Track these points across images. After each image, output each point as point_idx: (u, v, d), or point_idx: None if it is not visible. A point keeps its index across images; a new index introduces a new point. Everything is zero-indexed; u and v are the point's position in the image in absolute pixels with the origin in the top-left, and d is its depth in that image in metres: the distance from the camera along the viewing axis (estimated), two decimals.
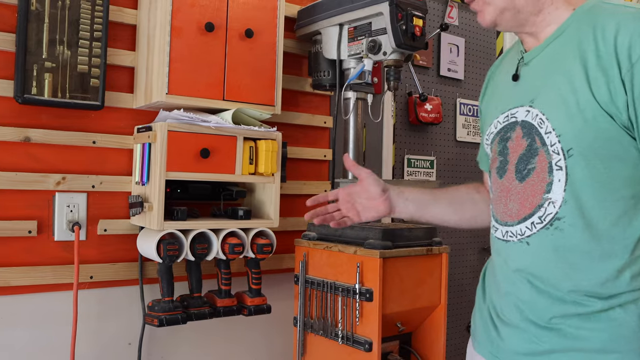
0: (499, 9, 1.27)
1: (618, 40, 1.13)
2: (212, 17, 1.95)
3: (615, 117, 1.14)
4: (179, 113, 1.90)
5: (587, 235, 1.18)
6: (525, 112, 1.26)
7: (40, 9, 1.83)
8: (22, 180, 1.87)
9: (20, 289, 1.88)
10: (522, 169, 1.26)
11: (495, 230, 1.35)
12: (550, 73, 1.24)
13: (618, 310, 1.18)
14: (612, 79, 1.13)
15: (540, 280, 1.24)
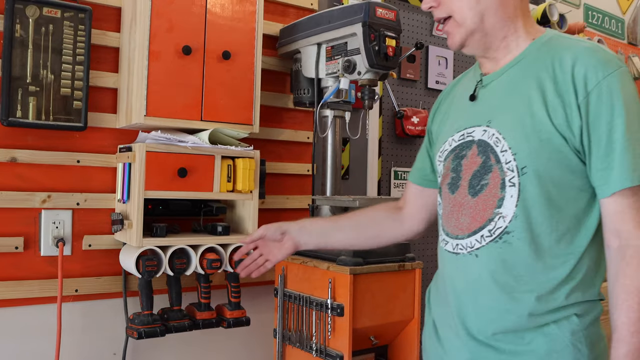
0: (469, 30, 1.35)
1: (575, 71, 1.23)
2: (189, 40, 2.02)
3: (569, 140, 1.23)
4: (156, 134, 1.97)
5: (532, 249, 1.26)
6: (482, 132, 1.33)
7: (24, 35, 1.91)
8: (9, 198, 1.96)
9: (7, 302, 1.97)
10: (475, 184, 1.33)
11: (445, 243, 1.40)
12: (508, 96, 1.32)
13: (552, 326, 1.26)
14: (569, 104, 1.22)
15: (486, 294, 1.30)
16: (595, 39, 3.94)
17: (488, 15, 1.33)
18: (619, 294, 1.21)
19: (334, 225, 1.70)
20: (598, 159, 1.22)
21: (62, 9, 1.97)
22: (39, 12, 1.93)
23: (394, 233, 1.65)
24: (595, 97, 1.21)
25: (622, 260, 1.22)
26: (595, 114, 1.21)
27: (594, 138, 1.22)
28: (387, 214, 1.66)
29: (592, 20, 4.07)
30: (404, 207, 1.65)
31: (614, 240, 1.23)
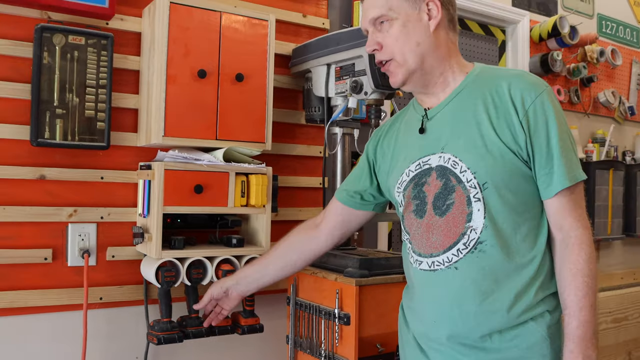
0: (411, 70, 1.53)
1: (512, 94, 1.45)
2: (205, 64, 2.15)
3: (517, 153, 1.43)
4: (174, 153, 2.11)
5: (504, 252, 1.44)
6: (438, 158, 1.50)
7: (51, 61, 2.06)
8: (38, 213, 2.11)
9: (38, 309, 2.12)
10: (440, 205, 1.49)
11: (419, 263, 1.54)
12: (455, 124, 1.50)
13: (531, 323, 1.44)
14: (512, 123, 1.43)
15: (470, 301, 1.45)
16: (609, 49, 4.00)
17: (427, 56, 1.52)
18: (566, 277, 1.42)
19: (262, 267, 1.96)
20: (541, 165, 1.43)
21: (86, 37, 2.11)
22: (65, 40, 2.08)
23: (312, 251, 1.90)
24: (532, 113, 1.43)
25: (565, 248, 1.43)
26: (535, 127, 1.42)
27: (536, 148, 1.43)
28: (303, 236, 1.91)
29: (606, 29, 4.12)
30: (321, 223, 1.88)
31: (557, 233, 1.45)
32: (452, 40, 1.58)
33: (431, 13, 1.53)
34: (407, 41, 1.52)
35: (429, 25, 1.52)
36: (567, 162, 1.43)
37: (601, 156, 3.89)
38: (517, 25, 3.59)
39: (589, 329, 1.39)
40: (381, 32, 1.56)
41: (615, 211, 3.93)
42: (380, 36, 1.56)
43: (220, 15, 2.19)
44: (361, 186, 1.79)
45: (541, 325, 1.45)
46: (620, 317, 3.79)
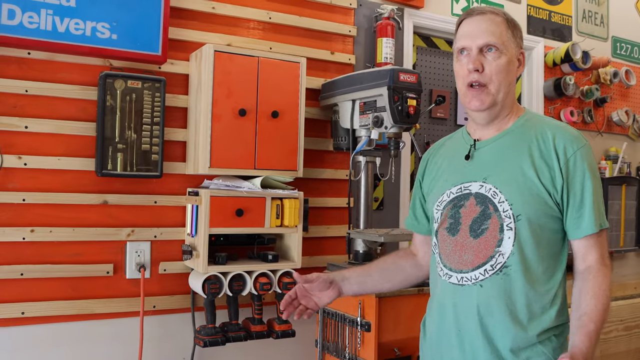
0: (496, 101, 1.69)
1: (556, 142, 1.65)
2: (244, 104, 2.46)
3: (552, 194, 1.64)
4: (218, 182, 2.44)
5: (526, 279, 1.64)
6: (479, 186, 1.70)
7: (113, 103, 2.40)
8: (102, 233, 2.46)
9: (101, 316, 2.47)
10: (476, 228, 1.69)
11: (449, 277, 1.74)
12: (500, 159, 1.71)
13: (539, 346, 1.64)
14: (553, 167, 1.64)
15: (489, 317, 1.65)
16: (623, 69, 4.22)
17: (509, 95, 1.72)
18: (588, 294, 1.59)
19: (367, 275, 1.98)
20: (573, 209, 1.63)
21: (143, 81, 2.45)
22: (125, 84, 2.42)
23: (416, 276, 2.00)
24: (572, 163, 1.63)
25: (589, 274, 1.62)
26: (573, 175, 1.63)
27: (571, 194, 1.63)
28: (409, 262, 2.00)
29: (620, 51, 4.34)
30: (417, 254, 2.00)
31: (581, 264, 1.65)
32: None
33: (521, 62, 1.74)
34: (506, 77, 1.69)
35: (518, 71, 1.74)
36: (597, 211, 1.62)
37: (614, 172, 4.10)
38: (532, 51, 3.84)
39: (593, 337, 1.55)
40: (486, 58, 1.68)
41: (628, 224, 4.15)
42: (486, 61, 1.68)
43: (258, 60, 2.50)
44: (423, 213, 1.93)
45: (548, 349, 1.64)
46: (632, 325, 4.00)
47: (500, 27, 1.70)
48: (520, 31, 1.76)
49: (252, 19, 2.79)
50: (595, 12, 4.21)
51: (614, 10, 4.33)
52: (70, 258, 2.41)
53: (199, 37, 2.64)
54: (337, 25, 3.02)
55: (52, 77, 2.38)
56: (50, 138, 2.38)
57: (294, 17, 2.89)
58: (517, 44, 1.73)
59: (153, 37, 2.45)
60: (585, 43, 4.01)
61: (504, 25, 1.71)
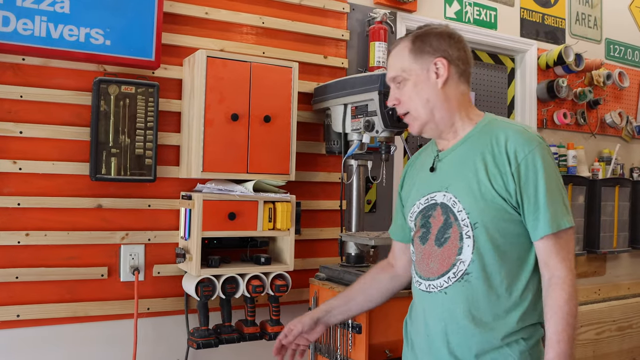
0: (424, 122, 1.79)
1: (508, 146, 1.68)
2: (237, 109, 2.49)
3: (507, 200, 1.67)
4: (211, 186, 2.47)
5: (487, 285, 1.68)
6: (442, 196, 1.76)
7: (107, 108, 2.43)
8: (96, 237, 2.49)
9: (95, 318, 2.50)
10: (440, 237, 1.75)
11: (419, 284, 1.82)
12: (459, 168, 1.76)
13: (505, 349, 1.68)
14: (505, 173, 1.67)
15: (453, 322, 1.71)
16: (617, 71, 4.24)
17: (437, 110, 1.76)
18: (548, 312, 1.63)
19: (347, 300, 2.06)
20: (529, 213, 1.66)
21: (136, 86, 2.48)
22: (118, 90, 2.44)
23: (394, 287, 2.07)
24: (524, 166, 1.65)
25: (550, 286, 1.64)
26: (525, 179, 1.65)
27: (525, 197, 1.65)
28: (385, 275, 2.06)
29: (614, 53, 4.36)
30: (395, 264, 2.06)
31: (544, 272, 1.67)
32: (462, 93, 1.78)
33: (439, 72, 1.74)
34: (419, 98, 1.75)
35: (437, 83, 1.74)
36: (553, 211, 1.62)
37: (607, 174, 4.13)
38: (525, 54, 3.87)
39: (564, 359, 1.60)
40: (399, 89, 1.79)
41: (622, 225, 4.18)
42: (399, 93, 1.80)
43: (250, 66, 2.53)
44: (405, 222, 1.97)
45: (514, 351, 1.67)
46: (624, 325, 4.03)
47: (402, 54, 1.79)
48: (430, 42, 1.77)
49: (245, 24, 2.82)
50: (589, 14, 4.24)
51: (607, 12, 4.36)
52: (65, 261, 2.44)
53: (192, 43, 2.67)
54: (330, 30, 3.05)
55: (46, 83, 2.41)
56: (45, 143, 2.41)
57: (287, 22, 2.92)
58: (425, 59, 1.76)
59: (146, 42, 2.47)
60: (578, 45, 4.04)
61: (407, 50, 1.78)
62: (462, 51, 1.79)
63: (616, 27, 4.41)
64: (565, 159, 3.93)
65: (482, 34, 3.63)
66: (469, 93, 1.84)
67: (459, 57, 1.78)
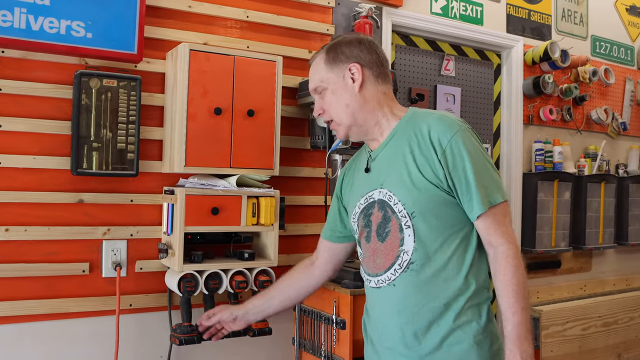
0: (347, 126, 1.84)
1: (431, 135, 1.72)
2: (220, 103, 2.47)
3: (439, 186, 1.71)
4: (194, 180, 2.44)
5: (433, 270, 1.72)
6: (378, 192, 1.80)
7: (88, 102, 2.40)
8: (77, 232, 2.46)
9: (77, 315, 2.47)
10: (381, 232, 1.79)
11: (369, 282, 1.86)
12: (390, 163, 1.80)
13: (458, 331, 1.71)
14: (433, 160, 1.71)
15: (405, 312, 1.73)
16: (602, 68, 4.25)
17: (357, 112, 1.81)
18: (499, 287, 1.67)
19: (267, 299, 2.13)
20: (463, 195, 1.70)
21: (118, 79, 2.45)
22: (100, 83, 2.42)
23: (310, 285, 2.11)
24: (450, 151, 1.69)
25: (496, 262, 1.69)
26: (453, 164, 1.69)
27: (456, 180, 1.69)
28: (302, 273, 2.11)
29: (600, 50, 4.37)
30: (316, 260, 2.10)
31: (489, 249, 1.72)
32: (382, 92, 1.83)
33: (354, 76, 1.80)
34: (338, 105, 1.81)
35: (354, 87, 1.80)
36: (483, 190, 1.67)
37: (593, 170, 4.14)
38: (512, 50, 3.87)
39: (522, 329, 1.63)
40: (322, 98, 1.86)
41: (607, 222, 4.19)
42: (321, 102, 1.86)
43: (234, 59, 2.51)
44: (337, 222, 2.05)
45: (467, 334, 1.70)
46: (610, 321, 4.04)
47: (319, 66, 1.86)
48: (342, 51, 1.82)
49: (230, 18, 2.80)
50: (575, 11, 4.25)
51: (593, 9, 4.36)
52: (45, 257, 2.41)
53: (175, 36, 2.65)
54: (315, 24, 3.03)
55: (26, 76, 2.38)
56: (25, 137, 2.37)
57: (272, 16, 2.90)
58: (339, 67, 1.81)
59: (129, 35, 2.44)
60: (564, 42, 4.04)
61: (322, 62, 1.85)
62: (373, 54, 1.84)
63: (602, 24, 4.42)
64: (551, 155, 3.93)
65: (468, 30, 3.62)
66: (390, 91, 1.88)
67: (371, 61, 1.83)
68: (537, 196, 3.79)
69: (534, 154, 3.91)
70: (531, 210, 3.79)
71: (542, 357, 3.64)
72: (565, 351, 3.77)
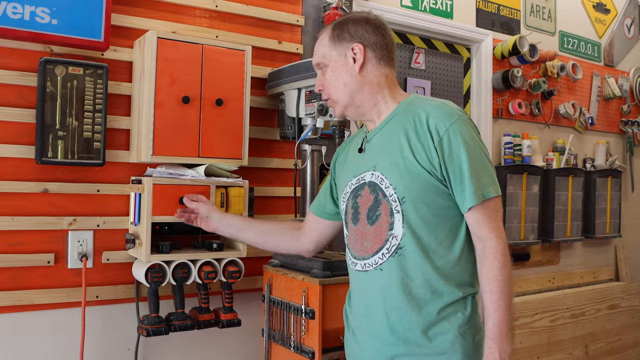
0: (344, 105, 1.85)
1: (429, 122, 1.70)
2: (188, 91, 2.44)
3: (432, 173, 1.69)
4: (161, 170, 2.41)
5: (421, 255, 1.70)
6: (370, 175, 1.79)
7: (53, 90, 2.36)
8: (42, 222, 2.41)
9: (41, 307, 2.42)
10: (372, 215, 1.77)
11: (354, 265, 1.85)
12: (385, 146, 1.79)
13: (444, 323, 1.70)
14: (429, 147, 1.69)
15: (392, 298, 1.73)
16: (570, 63, 4.30)
17: (355, 93, 1.82)
18: (483, 282, 1.67)
19: (247, 225, 2.21)
20: (455, 185, 1.69)
21: (84, 67, 2.41)
22: (66, 71, 2.37)
23: (288, 246, 2.16)
24: (446, 140, 1.67)
25: (483, 256, 1.68)
26: (448, 153, 1.67)
27: (450, 170, 1.68)
28: (289, 231, 2.15)
29: (568, 45, 4.43)
30: (303, 228, 2.13)
31: (477, 243, 1.71)
32: (384, 75, 1.83)
33: (356, 57, 1.81)
34: (337, 83, 1.83)
35: (354, 67, 1.81)
36: (477, 182, 1.66)
37: (561, 164, 4.19)
38: (481, 44, 3.90)
39: (504, 327, 1.61)
40: (323, 75, 1.88)
41: (575, 215, 4.24)
42: (322, 79, 1.88)
43: (202, 48, 2.48)
44: (327, 198, 2.06)
45: (453, 325, 1.69)
46: (577, 312, 4.10)
47: (323, 42, 1.87)
48: (348, 29, 1.83)
49: (198, 7, 2.77)
50: (543, 6, 4.29)
51: (561, 5, 4.42)
52: (9, 247, 2.36)
53: (143, 24, 2.61)
54: (285, 15, 3.02)
55: None
56: None
57: (241, 6, 2.88)
58: (342, 46, 1.82)
59: (95, 23, 2.40)
60: (533, 36, 4.08)
61: (327, 38, 1.86)
62: (379, 36, 1.84)
63: (570, 20, 4.48)
64: (520, 148, 3.97)
65: (438, 23, 3.64)
66: (392, 75, 1.88)
67: (375, 42, 1.83)
68: (506, 189, 3.82)
69: (503, 148, 3.95)
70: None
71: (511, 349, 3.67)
72: (534, 342, 3.81)
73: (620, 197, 4.60)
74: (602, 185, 4.43)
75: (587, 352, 4.14)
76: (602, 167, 4.50)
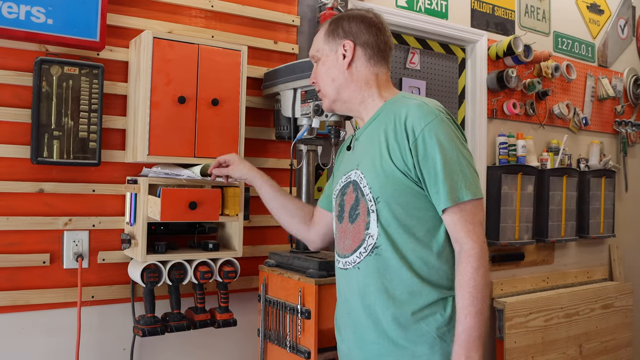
0: (331, 100, 1.89)
1: (407, 122, 1.70)
2: (184, 91, 2.44)
3: (407, 174, 1.69)
4: (157, 170, 2.41)
5: (397, 256, 1.70)
6: (354, 173, 1.81)
7: (49, 90, 2.35)
8: (38, 222, 2.41)
9: (37, 307, 2.41)
10: (352, 214, 1.80)
11: (338, 262, 1.88)
12: (368, 144, 1.80)
13: (422, 324, 1.69)
14: (404, 147, 1.69)
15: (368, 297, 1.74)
16: (564, 64, 4.32)
17: (343, 89, 1.85)
18: (457, 286, 1.65)
19: (276, 195, 2.23)
20: (431, 187, 1.67)
21: (80, 67, 2.41)
22: (61, 71, 2.37)
23: (300, 231, 2.20)
24: (421, 140, 1.67)
25: (458, 260, 1.66)
26: (423, 154, 1.66)
27: (425, 171, 1.67)
28: (304, 219, 2.18)
29: (562, 46, 4.44)
30: (313, 217, 2.16)
31: (455, 245, 1.69)
32: (374, 73, 1.84)
33: (345, 54, 1.84)
34: (326, 77, 1.87)
35: (343, 64, 1.83)
36: (451, 185, 1.63)
37: (555, 164, 4.20)
38: (476, 44, 3.90)
39: (472, 333, 1.59)
40: (316, 68, 1.92)
41: (569, 215, 4.26)
42: (315, 71, 1.93)
43: (198, 48, 2.48)
44: (331, 193, 2.05)
45: (431, 327, 1.68)
46: (571, 312, 4.11)
47: (320, 36, 1.91)
48: (342, 26, 1.85)
49: (194, 7, 2.77)
50: (538, 7, 4.30)
51: (555, 6, 4.43)
52: (4, 247, 2.35)
53: (139, 24, 2.61)
54: (281, 15, 3.02)
55: None
56: None
57: (237, 6, 2.88)
58: (335, 42, 1.86)
59: (91, 22, 2.40)
60: (527, 37, 4.10)
61: (323, 32, 1.89)
62: (372, 35, 1.85)
63: (564, 20, 4.49)
64: (515, 148, 3.98)
65: (433, 24, 3.65)
66: (385, 74, 1.88)
67: (367, 41, 1.84)
68: (501, 189, 3.83)
69: (497, 148, 3.96)
70: (495, 203, 3.83)
71: (505, 348, 3.69)
72: (529, 342, 3.83)
73: (614, 197, 4.61)
74: (596, 185, 4.45)
75: (581, 351, 4.16)
76: (596, 167, 4.52)
